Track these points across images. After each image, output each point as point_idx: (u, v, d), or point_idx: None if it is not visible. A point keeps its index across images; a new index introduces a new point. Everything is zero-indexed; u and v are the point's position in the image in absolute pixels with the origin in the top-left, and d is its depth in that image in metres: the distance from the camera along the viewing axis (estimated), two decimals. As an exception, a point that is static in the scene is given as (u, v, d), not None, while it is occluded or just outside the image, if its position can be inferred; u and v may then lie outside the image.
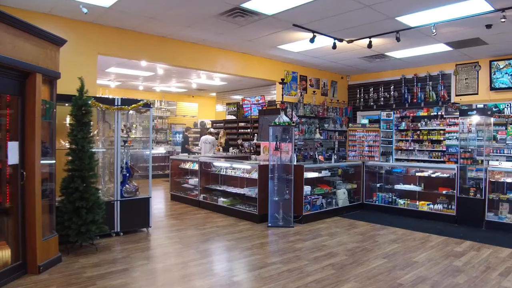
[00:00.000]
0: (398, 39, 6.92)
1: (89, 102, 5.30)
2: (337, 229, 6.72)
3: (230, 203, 7.75)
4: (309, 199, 7.22)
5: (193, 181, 8.90)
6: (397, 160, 9.54)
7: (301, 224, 6.99)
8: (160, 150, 14.82)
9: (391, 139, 10.25)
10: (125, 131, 6.16)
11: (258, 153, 11.25)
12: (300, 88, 10.33)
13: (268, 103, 12.31)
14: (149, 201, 6.37)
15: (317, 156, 8.11)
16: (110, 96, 8.35)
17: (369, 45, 7.42)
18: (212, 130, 13.02)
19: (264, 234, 6.30)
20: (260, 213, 6.99)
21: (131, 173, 6.35)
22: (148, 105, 6.23)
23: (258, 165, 7.05)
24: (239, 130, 14.54)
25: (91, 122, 5.29)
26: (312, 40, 7.10)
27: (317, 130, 9.86)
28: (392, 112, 10.34)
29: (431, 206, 7.52)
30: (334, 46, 7.58)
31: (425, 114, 10.01)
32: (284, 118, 6.91)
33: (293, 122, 6.94)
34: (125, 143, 6.17)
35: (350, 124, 8.57)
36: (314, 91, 10.41)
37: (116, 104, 5.95)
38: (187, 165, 9.20)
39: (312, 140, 9.94)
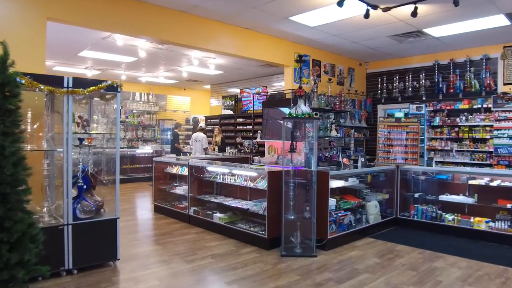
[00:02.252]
0: (456, 3, 5.13)
1: (18, 79, 3.44)
2: (376, 259, 4.92)
3: (228, 220, 5.92)
4: (335, 216, 5.42)
5: (182, 189, 7.06)
6: (430, 163, 7.76)
7: (325, 251, 5.19)
8: (147, 149, 12.95)
9: (423, 137, 8.46)
10: (81, 125, 4.32)
11: (261, 153, 9.43)
12: (313, 75, 8.51)
13: (270, 96, 10.50)
14: (116, 223, 4.52)
15: (340, 159, 6.31)
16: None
17: (414, 13, 5.62)
18: (202, 125, 11.18)
19: (278, 270, 4.48)
20: (270, 236, 5.18)
21: (91, 184, 4.51)
22: (114, 88, 4.37)
23: (268, 172, 5.22)
24: (237, 127, 12.73)
25: (19, 110, 3.43)
26: (340, 4, 5.28)
27: (333, 126, 8.05)
28: (423, 105, 8.55)
29: (491, 224, 5.76)
30: (367, 15, 5.77)
31: (466, 106, 8.24)
32: (303, 109, 5.10)
33: (316, 114, 5.13)
34: (81, 141, 4.32)
35: (380, 118, 6.83)
36: (330, 79, 8.59)
37: (65, 85, 4.09)
38: (175, 169, 7.36)
39: (326, 139, 8.15)
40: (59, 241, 4.09)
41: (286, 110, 7.62)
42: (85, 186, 4.35)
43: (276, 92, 11.14)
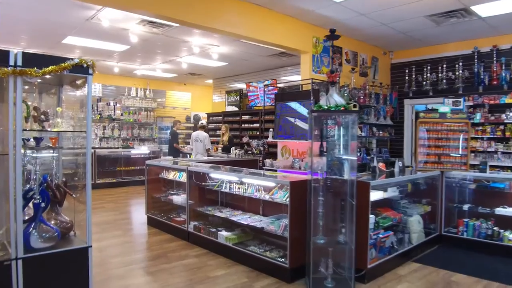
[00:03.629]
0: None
1: None
2: (433, 297, 3.73)
3: (237, 241, 4.73)
4: (375, 238, 4.23)
5: (180, 198, 5.87)
6: (483, 168, 6.53)
7: (364, 284, 4.00)
8: (143, 150, 11.77)
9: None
10: (38, 120, 3.13)
11: (272, 155, 8.23)
12: (335, 63, 7.29)
13: (281, 89, 9.30)
14: (87, 254, 3.32)
15: (375, 163, 5.10)
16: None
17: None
18: (203, 123, 9.99)
19: (309, 317, 3.29)
20: (293, 264, 3.99)
21: (56, 200, 3.32)
22: (83, 69, 3.16)
23: (291, 181, 4.01)
24: (243, 125, 11.54)
25: None
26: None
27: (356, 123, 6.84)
28: (461, 99, 7.32)
29: None
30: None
31: (513, 101, 7.04)
32: (336, 99, 3.90)
33: (355, 106, 3.94)
34: (38, 142, 3.14)
35: (421, 114, 5.63)
36: (353, 68, 7.39)
37: (11, 63, 2.90)
38: (171, 175, 6.17)
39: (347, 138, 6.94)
40: (4, 281, 2.91)
41: (298, 106, 6.43)
42: (43, 204, 3.15)
43: (286, 86, 9.96)
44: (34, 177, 3.14)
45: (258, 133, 10.86)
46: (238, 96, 12.05)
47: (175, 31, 7.22)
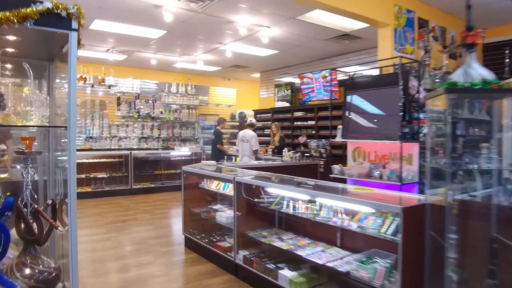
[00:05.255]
0: None
1: None
2: None
3: (307, 286, 3.28)
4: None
5: (224, 217, 4.49)
6: None
7: None
8: (184, 151, 10.64)
9: None
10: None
11: (337, 159, 6.71)
12: (424, 39, 5.62)
13: (350, 77, 7.76)
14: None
15: None
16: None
17: None
18: (252, 121, 8.63)
19: None
20: None
21: (30, 236, 2.04)
22: (60, 19, 1.85)
23: (403, 208, 2.49)
24: (294, 123, 10.08)
25: None
26: None
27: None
28: None
29: None
30: None
31: None
32: (480, 71, 2.34)
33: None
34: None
35: None
36: (445, 47, 5.70)
37: None
38: (214, 185, 4.85)
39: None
40: None
41: (379, 96, 4.84)
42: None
43: (348, 77, 8.36)
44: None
45: (313, 131, 9.35)
46: (289, 90, 10.59)
47: (217, 7, 5.91)
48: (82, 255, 4.58)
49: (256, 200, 3.97)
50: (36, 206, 2.08)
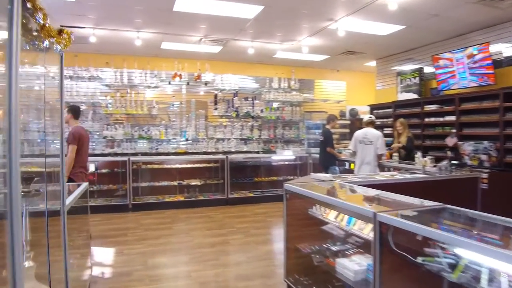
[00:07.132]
0: None
1: None
2: None
3: None
4: None
5: (351, 272, 2.79)
6: None
7: None
8: (287, 155, 9.17)
9: None
10: None
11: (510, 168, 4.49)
12: None
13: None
14: None
15: None
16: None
17: None
18: (372, 117, 6.69)
19: None
20: None
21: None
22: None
23: None
24: (425, 120, 7.85)
25: None
26: None
27: None
28: None
29: None
30: None
31: None
32: None
33: None
34: None
35: None
36: None
37: None
38: (332, 216, 3.19)
39: None
40: None
41: None
42: None
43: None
44: None
45: (454, 130, 7.05)
46: (417, 78, 8.37)
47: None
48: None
49: (419, 260, 2.20)
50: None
